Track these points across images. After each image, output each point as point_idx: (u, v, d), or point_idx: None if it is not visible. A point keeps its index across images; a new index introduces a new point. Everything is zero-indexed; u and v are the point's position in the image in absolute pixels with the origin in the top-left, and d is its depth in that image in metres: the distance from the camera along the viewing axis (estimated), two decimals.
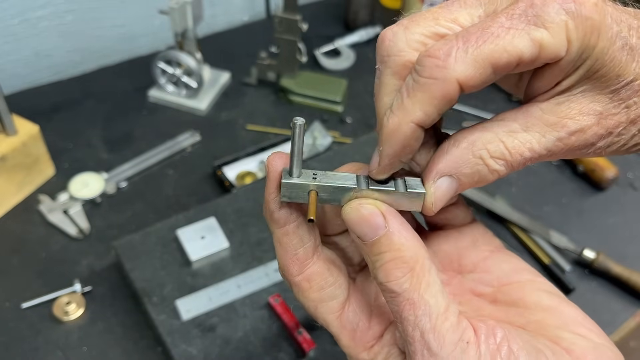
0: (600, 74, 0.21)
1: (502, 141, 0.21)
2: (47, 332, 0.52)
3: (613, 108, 0.21)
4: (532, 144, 0.21)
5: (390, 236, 0.21)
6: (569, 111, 0.21)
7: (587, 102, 0.21)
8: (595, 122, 0.21)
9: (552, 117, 0.21)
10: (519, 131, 0.21)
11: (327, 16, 0.97)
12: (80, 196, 0.63)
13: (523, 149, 0.21)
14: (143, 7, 0.86)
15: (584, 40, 0.20)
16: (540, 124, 0.21)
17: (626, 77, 0.21)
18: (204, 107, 0.77)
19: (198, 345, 0.47)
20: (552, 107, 0.21)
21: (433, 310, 0.21)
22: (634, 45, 0.21)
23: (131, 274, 0.51)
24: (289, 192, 0.22)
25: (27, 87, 0.80)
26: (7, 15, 0.74)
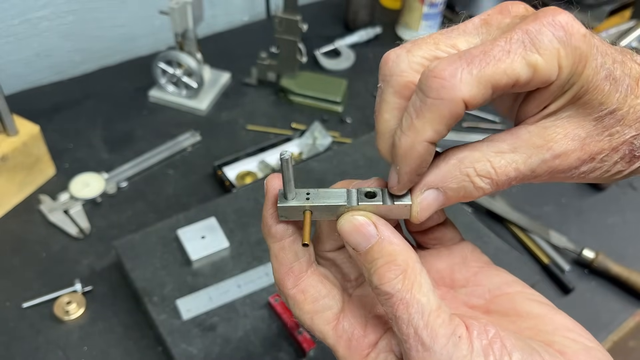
0: (585, 100, 0.22)
1: (489, 160, 0.22)
2: (47, 332, 0.52)
3: (596, 135, 0.23)
4: (518, 164, 0.23)
5: (381, 243, 0.23)
6: (554, 135, 0.23)
7: (572, 128, 0.23)
8: (579, 147, 0.23)
9: (539, 140, 0.23)
10: (507, 152, 0.23)
11: (327, 16, 0.97)
12: (80, 196, 0.63)
13: (509, 168, 0.22)
14: (143, 7, 0.86)
15: (572, 67, 0.21)
16: (527, 146, 0.23)
17: (609, 106, 0.22)
18: (205, 107, 0.77)
19: (198, 345, 0.47)
20: (539, 130, 0.23)
21: (425, 308, 0.22)
22: (618, 77, 0.22)
23: (132, 274, 0.51)
24: (285, 213, 0.24)
25: (28, 87, 0.80)
26: (8, 16, 0.75)
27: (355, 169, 0.63)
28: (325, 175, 0.62)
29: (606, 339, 0.56)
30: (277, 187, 0.24)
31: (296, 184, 0.24)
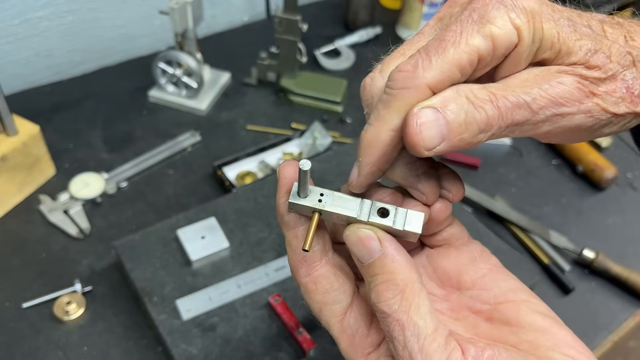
0: (563, 52, 0.22)
1: (486, 86, 0.22)
2: (47, 332, 0.52)
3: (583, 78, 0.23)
4: (516, 90, 0.22)
5: (383, 259, 0.23)
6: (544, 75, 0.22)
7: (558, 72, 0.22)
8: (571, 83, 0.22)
9: (532, 76, 0.22)
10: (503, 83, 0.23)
11: (327, 17, 0.97)
12: (80, 196, 0.63)
13: (507, 92, 0.22)
14: (143, 7, 0.86)
15: (529, 25, 0.22)
16: (521, 82, 0.22)
17: (589, 47, 0.22)
18: (204, 107, 0.77)
19: (198, 345, 0.47)
20: (529, 74, 0.23)
21: (421, 331, 0.22)
22: (579, 24, 0.23)
23: (131, 274, 0.51)
24: (295, 208, 0.25)
25: (28, 87, 0.80)
26: (8, 16, 0.75)
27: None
28: (325, 175, 0.62)
29: (606, 339, 0.56)
30: (290, 176, 0.24)
31: None
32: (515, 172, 0.73)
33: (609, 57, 0.23)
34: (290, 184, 0.24)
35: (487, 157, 0.74)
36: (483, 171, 0.72)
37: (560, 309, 0.61)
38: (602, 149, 0.75)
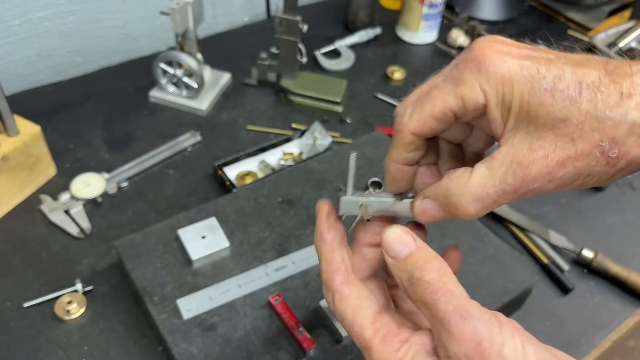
0: (533, 114, 0.25)
1: (470, 182, 0.27)
2: (48, 332, 0.52)
3: (558, 142, 0.25)
4: (495, 181, 0.26)
5: (420, 249, 0.27)
6: (521, 150, 0.26)
7: (534, 140, 0.25)
8: (543, 155, 0.25)
9: (508, 157, 0.26)
10: (485, 173, 0.27)
11: (327, 17, 0.98)
12: (81, 196, 0.64)
13: (487, 186, 0.26)
14: (144, 8, 0.86)
15: (497, 89, 0.26)
16: (500, 164, 0.26)
17: (559, 115, 0.25)
18: (205, 108, 0.77)
19: (199, 345, 0.47)
20: (508, 149, 0.26)
21: (460, 296, 0.26)
22: (562, 88, 0.25)
23: (132, 274, 0.52)
24: (347, 206, 0.32)
25: (29, 87, 0.80)
26: (9, 16, 0.75)
27: (355, 169, 0.63)
28: (325, 175, 0.62)
29: (605, 339, 0.56)
30: (327, 208, 0.31)
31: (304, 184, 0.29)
32: None
33: (579, 124, 0.24)
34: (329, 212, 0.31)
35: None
36: None
37: (559, 309, 0.62)
38: None
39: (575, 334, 0.56)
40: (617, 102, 0.24)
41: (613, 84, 0.24)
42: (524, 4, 1.04)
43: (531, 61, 0.26)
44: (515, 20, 1.01)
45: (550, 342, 0.53)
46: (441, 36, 0.94)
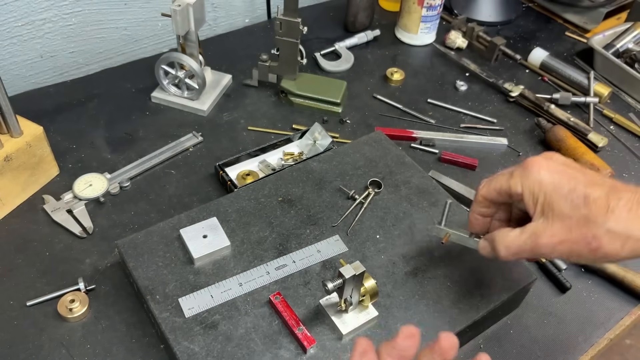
0: (550, 209, 0.41)
1: (507, 238, 0.44)
2: (51, 330, 0.53)
3: (562, 229, 0.40)
4: (521, 243, 0.43)
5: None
6: (542, 230, 0.42)
7: (549, 225, 0.41)
8: (550, 235, 0.41)
9: (534, 231, 0.42)
10: (518, 235, 0.43)
11: (326, 19, 0.98)
12: (84, 196, 0.64)
13: (516, 244, 0.43)
14: (146, 10, 0.87)
15: (530, 187, 0.42)
16: (528, 234, 0.42)
17: (567, 214, 0.40)
18: (206, 108, 0.77)
19: (200, 343, 0.48)
20: (535, 225, 0.42)
21: None
22: (574, 198, 0.40)
23: (134, 273, 0.52)
24: (436, 231, 0.54)
25: (32, 88, 0.81)
26: (12, 18, 0.76)
27: (355, 169, 0.64)
28: (325, 175, 0.63)
29: (603, 337, 0.57)
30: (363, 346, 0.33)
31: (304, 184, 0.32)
32: None
33: (577, 222, 0.40)
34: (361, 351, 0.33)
35: (484, 157, 0.75)
36: (481, 171, 0.73)
37: (557, 307, 0.62)
38: (598, 150, 0.76)
39: (573, 333, 0.56)
40: (603, 214, 0.38)
41: (606, 201, 0.39)
42: (521, 6, 1.05)
43: (559, 175, 0.41)
44: (513, 22, 1.01)
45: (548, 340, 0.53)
46: (440, 38, 0.94)
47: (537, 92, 0.83)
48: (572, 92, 0.85)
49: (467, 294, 0.52)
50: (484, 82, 0.87)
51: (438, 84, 0.86)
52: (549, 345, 0.55)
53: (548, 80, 0.88)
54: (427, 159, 0.74)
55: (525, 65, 0.91)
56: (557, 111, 0.79)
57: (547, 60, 0.88)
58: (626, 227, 0.38)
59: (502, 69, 0.90)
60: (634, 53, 0.87)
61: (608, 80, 0.88)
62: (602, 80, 0.88)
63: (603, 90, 0.84)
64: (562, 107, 0.81)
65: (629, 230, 0.38)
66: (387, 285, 0.53)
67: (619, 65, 0.85)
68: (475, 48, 0.92)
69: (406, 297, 0.52)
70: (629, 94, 0.86)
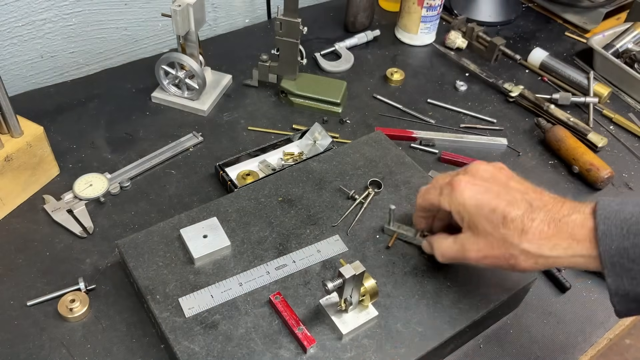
0: (474, 226, 0.45)
1: (442, 245, 0.50)
2: (51, 330, 0.53)
3: (486, 245, 0.45)
4: (452, 251, 0.48)
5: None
6: (467, 240, 0.47)
7: (475, 239, 0.46)
8: (476, 249, 0.46)
9: (461, 241, 0.47)
10: (451, 244, 0.48)
11: (326, 19, 0.98)
12: (84, 196, 0.64)
13: (449, 251, 0.49)
14: (146, 10, 0.87)
15: (457, 208, 0.46)
16: (458, 244, 0.48)
17: (488, 231, 0.44)
18: (206, 109, 0.78)
19: (200, 342, 0.48)
20: (466, 236, 0.47)
21: None
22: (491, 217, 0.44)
23: (134, 272, 0.52)
24: (387, 231, 0.57)
25: (32, 88, 0.81)
26: (13, 18, 0.76)
27: (355, 169, 0.64)
28: (325, 175, 0.63)
29: (603, 337, 0.57)
30: None
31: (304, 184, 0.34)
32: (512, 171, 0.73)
33: (497, 240, 0.44)
34: None
35: (484, 157, 0.74)
36: None
37: (557, 307, 0.62)
38: (597, 149, 0.76)
39: (572, 332, 0.57)
40: (519, 234, 0.42)
41: (521, 222, 0.42)
42: (521, 6, 1.05)
43: (482, 194, 0.45)
44: (513, 22, 1.01)
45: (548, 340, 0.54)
46: (439, 38, 0.94)
47: (536, 92, 0.83)
48: (572, 92, 0.85)
49: (467, 294, 0.52)
50: (484, 82, 0.87)
51: (438, 84, 0.86)
52: (549, 345, 0.55)
53: (548, 80, 0.88)
54: (427, 159, 0.74)
55: (525, 65, 0.91)
56: (557, 111, 0.79)
57: (547, 60, 0.89)
58: (538, 247, 0.42)
59: (502, 69, 0.90)
60: (633, 53, 0.87)
61: (608, 81, 0.88)
62: (601, 80, 0.88)
63: (603, 91, 0.84)
64: (561, 107, 0.81)
65: (540, 250, 0.42)
66: (387, 285, 0.53)
67: (619, 65, 0.85)
68: (475, 48, 0.92)
69: (406, 297, 0.52)
70: (629, 94, 0.87)
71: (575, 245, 0.41)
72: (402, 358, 0.48)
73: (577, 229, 0.41)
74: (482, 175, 0.46)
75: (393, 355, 0.48)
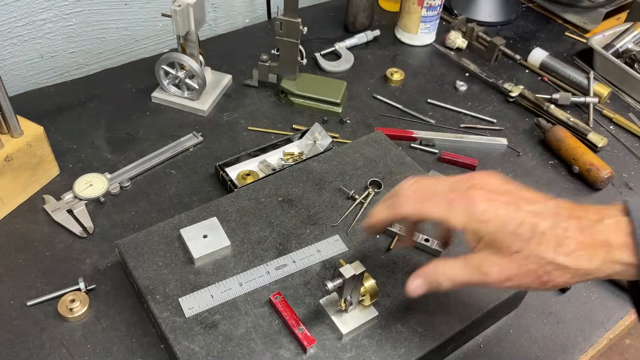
0: (497, 244, 0.38)
1: (450, 270, 0.41)
2: (51, 330, 0.53)
3: (510, 263, 0.38)
4: (465, 277, 0.40)
5: None
6: (487, 263, 0.39)
7: (496, 259, 0.39)
8: (498, 270, 0.38)
9: (478, 264, 0.40)
10: (461, 267, 0.40)
11: (326, 19, 0.98)
12: (84, 196, 0.64)
13: (459, 278, 0.41)
14: (146, 10, 0.87)
15: (473, 225, 0.39)
16: (473, 266, 0.40)
17: (514, 249, 0.38)
18: (206, 109, 0.78)
19: (200, 342, 0.48)
20: (480, 258, 0.39)
21: None
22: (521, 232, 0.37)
23: (134, 272, 0.52)
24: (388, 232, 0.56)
25: (32, 88, 0.81)
26: (13, 18, 0.76)
27: (355, 169, 0.64)
28: (325, 175, 0.63)
29: (603, 337, 0.57)
30: None
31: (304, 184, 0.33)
32: (512, 172, 0.74)
33: (527, 257, 0.37)
34: None
35: (484, 157, 0.75)
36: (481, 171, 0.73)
37: (557, 307, 0.62)
38: (597, 149, 0.76)
39: (572, 333, 0.57)
40: (553, 248, 0.37)
41: (554, 234, 0.37)
42: (521, 6, 1.05)
43: (505, 208, 0.38)
44: (513, 22, 1.02)
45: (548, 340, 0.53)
46: (439, 38, 0.94)
47: (536, 92, 0.83)
48: (572, 92, 0.85)
49: (467, 293, 0.52)
50: (484, 82, 0.87)
51: (438, 84, 0.86)
52: (549, 345, 0.55)
53: (548, 80, 0.88)
54: (427, 159, 0.74)
55: (525, 65, 0.91)
56: (557, 111, 0.79)
57: (547, 60, 0.89)
58: (575, 260, 0.37)
59: (502, 69, 0.90)
60: (633, 53, 0.87)
61: (608, 81, 0.88)
62: (601, 80, 0.88)
63: (603, 91, 0.84)
64: (561, 107, 0.81)
65: (578, 264, 0.37)
66: (387, 285, 0.53)
67: (619, 65, 0.85)
68: (475, 48, 0.92)
69: (406, 297, 0.52)
70: (629, 94, 0.87)
71: (614, 252, 0.36)
72: (402, 358, 0.48)
73: (612, 235, 0.36)
74: (495, 189, 0.40)
75: (393, 355, 0.48)
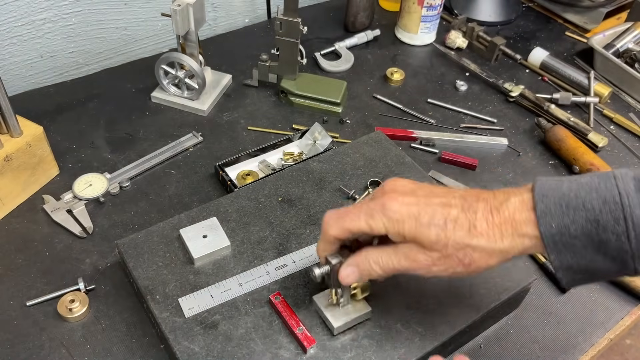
0: (418, 240, 0.41)
1: (381, 257, 0.43)
2: (51, 330, 0.53)
3: (433, 251, 0.41)
4: (394, 263, 0.43)
5: None
6: (411, 250, 0.42)
7: (420, 249, 0.41)
8: (424, 257, 0.41)
9: (405, 250, 0.42)
10: (391, 255, 0.43)
11: (326, 19, 0.98)
12: (84, 196, 0.64)
13: (389, 264, 0.43)
14: (146, 9, 0.87)
15: (391, 227, 0.42)
16: (402, 255, 0.42)
17: (434, 240, 0.40)
18: (206, 108, 0.77)
19: (200, 342, 0.48)
20: (409, 248, 0.42)
21: None
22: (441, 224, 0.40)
23: (134, 272, 0.52)
24: None
25: (32, 88, 0.81)
26: (12, 18, 0.76)
27: (355, 169, 0.64)
28: (325, 175, 0.63)
29: (603, 337, 0.57)
30: None
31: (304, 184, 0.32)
32: (512, 172, 0.73)
33: (445, 244, 0.40)
34: None
35: (484, 157, 0.75)
36: (480, 171, 0.73)
37: (557, 308, 0.62)
38: (598, 149, 0.76)
39: (573, 333, 0.56)
40: (468, 230, 0.40)
41: (465, 218, 0.40)
42: (521, 6, 1.05)
43: (415, 205, 0.41)
44: (513, 22, 1.01)
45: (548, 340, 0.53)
46: (440, 38, 0.94)
47: (537, 92, 0.83)
48: (572, 92, 0.85)
49: (467, 294, 0.52)
50: (484, 82, 0.87)
51: (438, 84, 0.86)
52: (549, 345, 0.55)
53: (548, 80, 0.88)
54: (427, 159, 0.74)
55: (525, 65, 0.91)
56: (557, 111, 0.79)
57: (547, 60, 0.89)
58: (489, 239, 0.39)
59: (502, 69, 0.90)
60: (634, 53, 0.87)
61: (608, 80, 0.88)
62: (602, 80, 0.88)
63: (603, 90, 0.84)
64: (562, 107, 0.81)
65: (492, 243, 0.39)
66: (387, 285, 0.53)
67: (619, 65, 0.85)
68: (475, 48, 0.92)
69: (406, 297, 0.52)
70: (629, 94, 0.86)
71: (520, 227, 0.38)
72: (402, 358, 0.48)
73: (517, 212, 0.38)
74: (404, 190, 0.43)
75: (393, 355, 0.48)
